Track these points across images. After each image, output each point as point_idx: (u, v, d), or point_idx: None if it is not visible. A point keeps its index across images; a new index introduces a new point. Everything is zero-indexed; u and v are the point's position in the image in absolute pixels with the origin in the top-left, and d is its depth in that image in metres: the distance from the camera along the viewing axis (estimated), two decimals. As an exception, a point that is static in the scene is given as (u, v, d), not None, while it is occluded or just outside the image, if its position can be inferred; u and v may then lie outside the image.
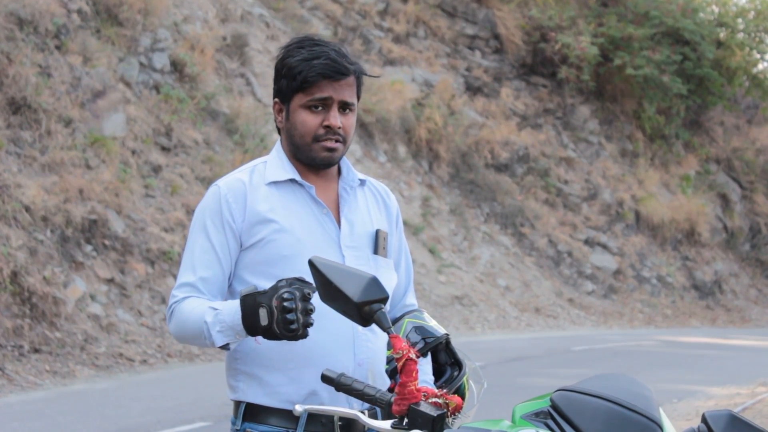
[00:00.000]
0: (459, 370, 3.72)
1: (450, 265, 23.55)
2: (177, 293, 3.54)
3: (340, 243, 3.59)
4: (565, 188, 29.14)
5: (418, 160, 26.02)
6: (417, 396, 3.02)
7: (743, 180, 34.92)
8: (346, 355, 3.49)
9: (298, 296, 3.15)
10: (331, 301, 3.12)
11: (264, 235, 3.52)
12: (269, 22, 24.98)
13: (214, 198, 3.56)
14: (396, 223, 3.80)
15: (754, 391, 14.43)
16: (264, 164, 3.64)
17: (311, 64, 3.49)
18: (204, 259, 3.53)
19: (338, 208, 3.64)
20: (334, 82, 3.51)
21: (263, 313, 3.20)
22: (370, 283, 3.06)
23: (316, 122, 3.53)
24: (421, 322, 3.73)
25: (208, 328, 3.38)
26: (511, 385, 12.35)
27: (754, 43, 35.35)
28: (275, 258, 3.48)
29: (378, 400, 3.09)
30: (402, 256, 3.84)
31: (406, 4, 29.27)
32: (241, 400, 3.53)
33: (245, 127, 20.40)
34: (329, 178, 3.66)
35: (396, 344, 3.02)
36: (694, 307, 29.29)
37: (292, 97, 3.55)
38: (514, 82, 30.76)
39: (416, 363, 3.02)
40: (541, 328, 23.35)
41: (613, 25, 30.79)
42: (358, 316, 3.08)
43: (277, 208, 3.55)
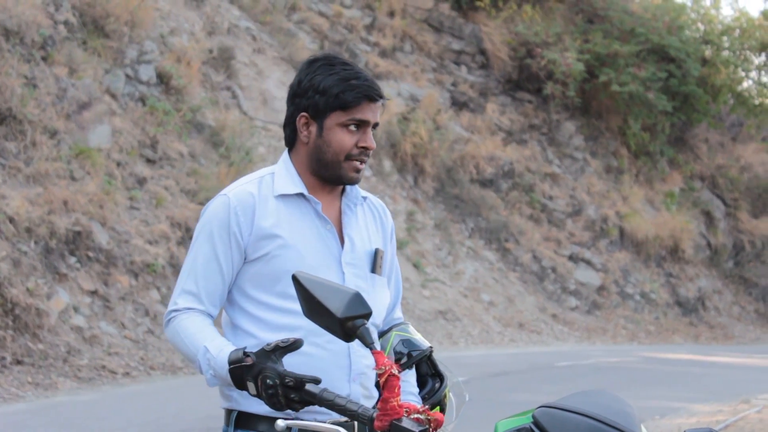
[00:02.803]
0: (440, 382, 3.76)
1: (434, 279, 23.57)
2: (178, 301, 3.59)
3: (341, 260, 3.64)
4: (549, 204, 29.19)
5: (403, 174, 26.04)
6: (399, 412, 3.03)
7: (727, 197, 35.04)
8: (341, 370, 3.53)
9: (279, 383, 3.19)
10: (315, 317, 3.13)
11: (269, 250, 3.56)
12: (256, 36, 24.99)
13: (223, 208, 3.59)
14: (390, 240, 3.86)
15: (736, 409, 14.46)
16: (271, 176, 3.68)
17: (352, 84, 3.57)
18: (207, 269, 3.57)
19: (341, 224, 3.70)
20: (372, 104, 3.60)
21: (251, 385, 3.26)
22: (354, 298, 3.07)
23: (352, 141, 3.59)
24: (408, 335, 3.78)
25: (201, 367, 3.46)
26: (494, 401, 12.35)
27: (739, 60, 35.51)
28: (278, 273, 3.52)
29: (360, 415, 3.10)
30: (393, 271, 3.89)
31: (393, 18, 29.33)
32: (233, 408, 3.57)
33: (231, 140, 20.39)
34: (334, 194, 3.72)
35: (378, 360, 3.04)
36: (678, 323, 29.34)
37: (329, 114, 3.59)
38: (499, 98, 30.82)
39: (399, 379, 3.03)
40: (524, 343, 23.36)
41: (599, 42, 30.89)
42: (341, 331, 3.09)
43: (283, 223, 3.59)
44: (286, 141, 3.74)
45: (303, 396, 3.19)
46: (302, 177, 3.67)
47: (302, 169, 3.67)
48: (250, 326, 3.56)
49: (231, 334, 3.61)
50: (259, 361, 3.22)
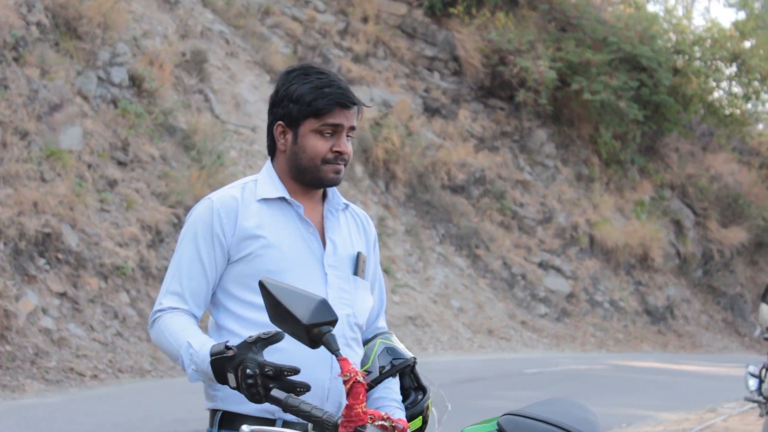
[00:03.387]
0: (423, 394, 3.83)
1: (404, 285, 23.59)
2: (163, 301, 3.66)
3: (324, 262, 3.71)
4: (520, 211, 29.27)
5: (374, 179, 26.06)
6: (363, 419, 3.05)
7: (697, 206, 35.21)
8: (323, 368, 3.58)
9: (258, 372, 3.23)
10: (281, 323, 3.16)
11: (252, 250, 3.64)
12: (229, 39, 24.97)
13: (207, 211, 3.69)
14: (373, 249, 3.94)
15: (702, 417, 14.55)
16: (254, 182, 3.78)
17: (324, 92, 3.68)
18: (191, 270, 3.66)
19: (323, 228, 3.78)
20: (345, 110, 3.71)
21: (231, 377, 3.29)
22: (320, 305, 3.10)
23: (326, 147, 3.70)
24: (392, 344, 3.86)
25: (183, 363, 3.51)
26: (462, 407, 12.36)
27: (710, 71, 35.72)
28: (261, 272, 3.56)
29: (324, 422, 3.12)
30: (377, 280, 3.97)
31: (366, 24, 29.36)
32: (218, 408, 3.62)
33: (203, 143, 20.36)
34: (316, 200, 3.81)
35: (344, 367, 3.06)
36: (646, 331, 29.46)
37: (303, 122, 3.69)
38: (472, 104, 30.88)
39: (364, 386, 3.06)
40: (493, 350, 23.40)
41: (571, 50, 31.00)
42: (306, 338, 3.11)
43: (265, 224, 3.68)
44: (267, 150, 3.84)
45: (282, 386, 3.21)
46: (284, 183, 3.76)
47: (283, 176, 3.77)
48: (233, 325, 3.63)
49: (215, 335, 3.66)
50: (240, 352, 3.27)
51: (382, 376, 3.76)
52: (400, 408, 3.74)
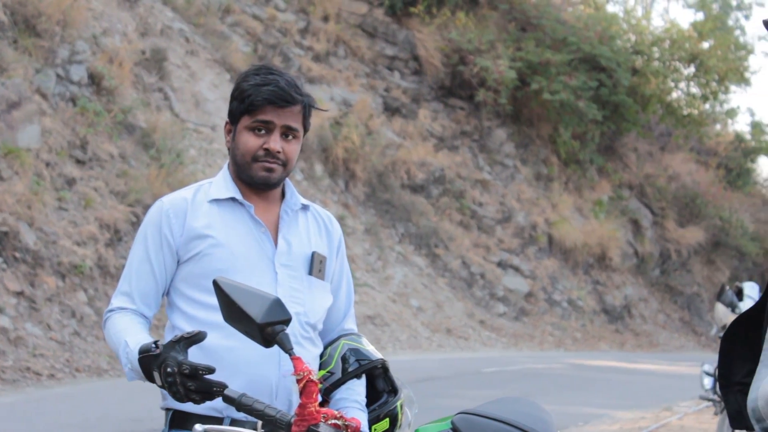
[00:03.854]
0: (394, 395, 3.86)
1: (363, 284, 23.61)
2: (113, 302, 3.71)
3: (275, 261, 3.72)
4: (479, 210, 29.34)
5: (334, 178, 26.06)
6: (316, 417, 3.07)
7: (655, 206, 35.42)
8: (270, 366, 3.59)
9: (177, 371, 3.24)
10: (234, 322, 3.16)
11: (200, 250, 3.67)
12: (189, 38, 24.90)
13: (157, 213, 3.73)
14: (338, 250, 3.94)
15: (658, 416, 14.65)
16: (209, 184, 3.82)
17: (260, 89, 3.67)
18: (140, 271, 3.70)
19: (278, 228, 3.78)
20: (278, 109, 3.68)
21: (156, 375, 3.31)
22: (273, 304, 3.11)
23: (257, 144, 3.69)
24: (358, 345, 3.87)
25: (122, 362, 3.55)
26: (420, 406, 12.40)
27: (669, 71, 35.94)
28: (211, 271, 3.59)
29: (278, 420, 3.13)
30: (343, 281, 3.97)
31: (327, 23, 29.35)
32: (169, 407, 3.65)
33: (162, 141, 20.30)
34: (272, 201, 3.81)
35: (297, 366, 3.07)
36: (604, 330, 29.61)
37: (240, 118, 3.72)
38: (432, 104, 30.93)
39: (317, 385, 3.07)
40: (452, 349, 23.45)
41: (531, 50, 31.09)
42: (260, 337, 3.12)
43: (215, 224, 3.70)
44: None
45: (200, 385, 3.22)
46: (236, 183, 3.78)
47: (234, 176, 3.79)
48: (185, 324, 3.64)
49: (170, 335, 3.68)
50: (164, 351, 3.28)
51: (345, 377, 3.77)
52: (361, 409, 3.75)
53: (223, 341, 3.44)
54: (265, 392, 3.57)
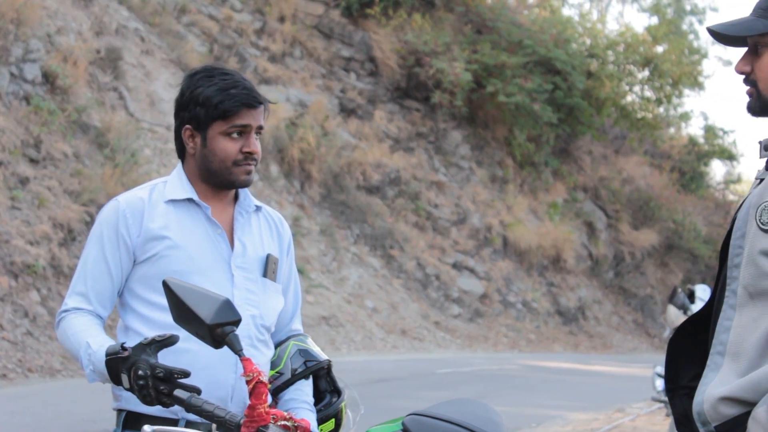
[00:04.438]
0: (338, 396, 3.88)
1: (318, 285, 23.60)
2: (68, 302, 3.68)
3: (231, 263, 3.72)
4: (434, 212, 29.40)
5: (290, 179, 26.04)
6: (266, 419, 3.07)
7: (609, 209, 35.61)
8: (227, 369, 3.60)
9: (150, 374, 3.24)
10: (184, 323, 3.17)
11: (157, 251, 3.66)
12: (144, 37, 24.81)
13: (113, 212, 3.70)
14: (288, 251, 3.95)
15: (611, 417, 14.74)
16: (164, 184, 3.79)
17: (230, 93, 3.66)
18: (96, 271, 3.67)
19: (233, 230, 3.78)
20: (252, 110, 3.69)
21: (125, 378, 3.30)
22: (223, 305, 3.11)
23: (236, 148, 3.68)
24: (306, 346, 3.88)
25: (82, 363, 3.52)
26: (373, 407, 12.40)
27: (623, 75, 36.14)
28: (167, 273, 3.56)
29: (227, 422, 3.14)
30: (291, 282, 3.98)
31: (283, 23, 29.32)
32: (122, 408, 3.63)
33: (116, 141, 20.21)
34: (226, 202, 3.81)
35: (247, 367, 3.08)
36: (558, 332, 29.74)
37: (211, 125, 3.69)
38: (387, 105, 30.96)
39: (266, 386, 3.08)
40: (406, 350, 23.49)
41: (487, 53, 31.18)
42: (210, 338, 3.12)
43: (171, 225, 3.69)
44: (177, 153, 3.84)
45: (172, 388, 3.23)
46: (194, 184, 3.76)
47: (194, 178, 3.77)
48: (139, 326, 3.63)
49: (123, 336, 3.67)
50: (134, 353, 3.28)
51: (294, 377, 3.79)
52: (310, 410, 3.77)
53: (180, 344, 3.42)
54: (222, 394, 3.57)
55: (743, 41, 3.11)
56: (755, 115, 3.13)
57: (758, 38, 3.07)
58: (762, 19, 3.06)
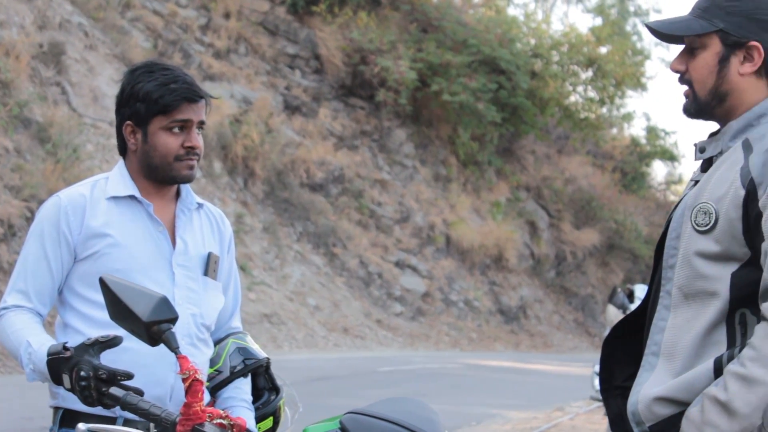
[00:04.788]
0: (276, 394, 3.88)
1: (260, 282, 23.56)
2: (8, 299, 3.64)
3: (172, 261, 3.70)
4: (378, 210, 29.43)
5: (233, 176, 25.97)
6: (202, 417, 3.07)
7: (551, 208, 35.80)
8: (167, 367, 3.58)
9: (92, 375, 3.22)
10: (120, 320, 3.15)
11: (98, 249, 3.63)
12: (88, 32, 24.64)
13: (54, 209, 3.66)
14: (228, 249, 3.94)
15: (550, 416, 14.82)
16: (105, 180, 3.75)
17: (170, 88, 3.64)
18: (36, 268, 3.63)
19: (174, 228, 3.76)
20: (193, 105, 3.67)
21: (66, 378, 3.28)
22: (160, 303, 3.09)
23: (177, 143, 3.66)
24: (245, 344, 3.88)
25: (22, 362, 3.50)
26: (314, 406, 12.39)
27: (567, 75, 36.33)
28: (108, 271, 3.51)
29: (163, 420, 3.13)
30: (231, 280, 3.97)
31: (228, 20, 29.23)
32: (60, 406, 3.60)
33: (58, 136, 20.06)
34: (168, 199, 3.79)
35: (183, 365, 3.07)
36: (499, 331, 29.86)
37: (151, 120, 3.67)
38: (332, 103, 30.95)
39: (202, 384, 3.07)
40: (348, 348, 23.50)
41: (431, 51, 31.25)
42: (146, 335, 3.11)
43: (113, 222, 3.66)
44: (118, 149, 3.81)
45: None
46: (136, 181, 3.74)
47: (136, 174, 3.74)
48: (79, 324, 3.61)
49: (62, 333, 3.65)
50: (76, 354, 3.25)
51: (233, 375, 3.79)
52: (249, 408, 3.77)
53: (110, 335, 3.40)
54: (161, 393, 3.56)
55: (680, 39, 3.15)
56: (691, 117, 3.17)
57: (694, 38, 3.10)
58: (700, 19, 3.09)
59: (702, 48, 3.10)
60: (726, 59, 3.08)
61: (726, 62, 3.08)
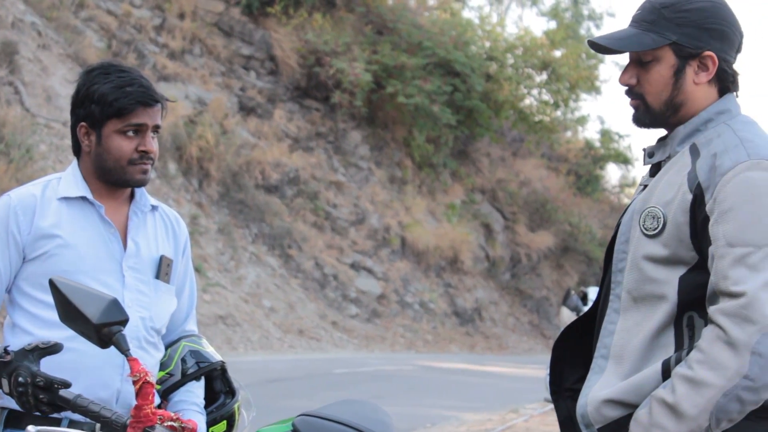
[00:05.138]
0: (232, 397, 3.86)
1: (215, 284, 23.50)
2: None
3: (123, 263, 3.67)
4: (333, 212, 29.43)
5: (188, 177, 25.89)
6: (152, 419, 3.06)
7: (506, 211, 35.92)
8: (114, 370, 3.56)
9: (30, 382, 3.20)
10: (70, 322, 3.13)
11: (47, 249, 3.59)
12: (41, 31, 24.49)
13: (4, 209, 3.62)
14: (183, 251, 3.90)
15: (504, 417, 14.86)
16: (58, 180, 3.71)
17: (126, 91, 3.61)
18: None
19: (126, 230, 3.73)
20: (148, 108, 3.63)
21: (4, 382, 3.27)
22: (110, 305, 3.08)
23: (131, 147, 3.63)
24: (198, 347, 3.85)
25: None
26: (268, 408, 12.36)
27: (522, 78, 36.47)
28: (56, 272, 3.49)
29: (113, 422, 3.12)
30: (187, 282, 3.94)
31: (183, 20, 29.13)
32: (4, 406, 3.56)
33: (11, 136, 19.93)
34: (121, 201, 3.75)
35: (133, 367, 3.06)
36: (455, 333, 29.92)
37: (106, 123, 3.63)
38: (287, 104, 30.92)
39: (153, 386, 3.06)
40: (303, 350, 23.48)
41: (387, 53, 31.27)
42: (96, 337, 3.09)
43: (63, 223, 3.62)
44: (72, 149, 3.78)
45: (53, 398, 3.20)
46: (88, 182, 3.70)
47: (89, 176, 3.71)
48: (27, 324, 3.58)
49: (10, 333, 3.62)
50: (16, 359, 3.23)
51: (185, 378, 3.77)
52: (200, 412, 3.74)
53: (66, 343, 3.36)
54: (107, 396, 3.53)
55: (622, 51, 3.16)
56: (645, 127, 3.18)
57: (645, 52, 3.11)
58: (650, 33, 3.10)
59: (656, 61, 3.11)
60: (681, 71, 3.10)
61: (681, 74, 3.10)
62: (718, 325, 2.87)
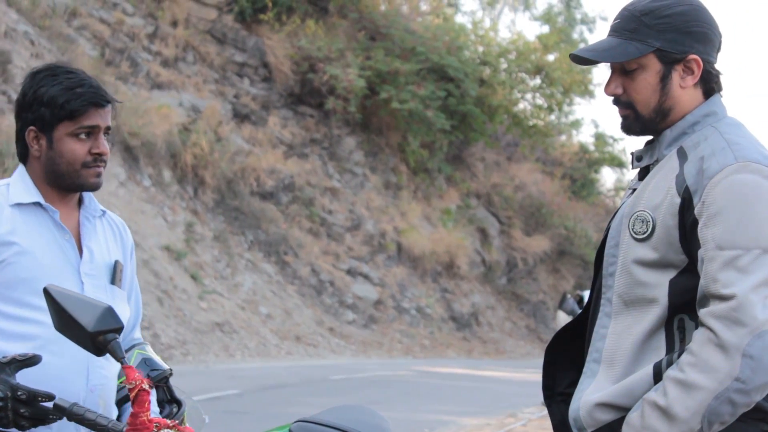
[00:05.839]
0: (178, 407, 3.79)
1: (212, 291, 23.49)
2: None
3: (80, 270, 3.61)
4: (329, 218, 29.43)
5: (183, 185, 25.88)
6: (149, 427, 3.05)
7: (502, 215, 35.92)
8: (79, 379, 3.51)
9: (10, 396, 3.15)
10: (65, 330, 3.12)
11: (4, 257, 3.51)
12: (34, 40, 24.50)
13: None
14: (130, 257, 3.85)
15: (502, 422, 14.86)
16: (6, 186, 3.63)
17: (77, 92, 3.54)
18: None
19: (79, 235, 3.67)
20: (100, 110, 3.57)
21: None
22: (105, 313, 3.07)
23: (84, 150, 3.56)
24: (148, 354, 3.80)
25: None
26: (266, 414, 12.39)
27: (515, 82, 36.49)
28: (14, 280, 3.47)
29: (110, 430, 3.12)
30: (133, 289, 3.88)
31: (176, 28, 29.13)
32: None
33: (5, 145, 19.93)
34: (72, 206, 3.68)
35: (129, 374, 3.05)
36: (452, 338, 29.91)
37: (57, 125, 3.56)
38: (281, 111, 30.93)
39: (149, 393, 3.05)
40: (301, 356, 23.47)
41: (380, 59, 31.29)
42: (91, 345, 3.09)
43: (19, 230, 3.55)
44: (18, 156, 3.69)
45: (36, 412, 3.16)
46: (39, 188, 3.62)
47: (38, 181, 3.63)
48: None
49: None
50: None
51: None
52: None
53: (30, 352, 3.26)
54: None
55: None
56: (635, 134, 3.19)
57: (628, 61, 3.12)
58: (632, 41, 3.10)
59: (641, 69, 3.11)
60: (667, 76, 3.11)
61: (668, 79, 3.11)
62: (708, 328, 2.89)
